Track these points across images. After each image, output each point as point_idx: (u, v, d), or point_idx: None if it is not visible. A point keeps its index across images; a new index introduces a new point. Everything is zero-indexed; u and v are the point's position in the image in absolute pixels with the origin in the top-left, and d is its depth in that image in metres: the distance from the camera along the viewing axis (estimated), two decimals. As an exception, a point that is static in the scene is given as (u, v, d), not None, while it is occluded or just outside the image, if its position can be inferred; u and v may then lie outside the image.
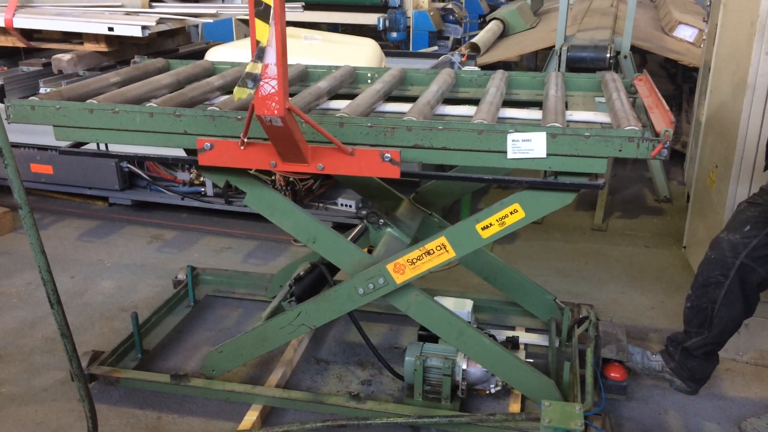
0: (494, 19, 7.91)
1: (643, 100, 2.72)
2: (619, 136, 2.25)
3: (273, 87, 2.04)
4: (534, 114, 2.74)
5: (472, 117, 2.50)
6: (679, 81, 7.73)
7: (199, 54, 5.30)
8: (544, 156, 2.30)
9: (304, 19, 7.30)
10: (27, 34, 4.82)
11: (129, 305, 3.92)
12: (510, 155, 2.31)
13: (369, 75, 3.31)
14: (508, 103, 2.88)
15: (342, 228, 4.55)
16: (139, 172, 4.95)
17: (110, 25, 4.48)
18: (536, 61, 9.84)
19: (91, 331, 3.67)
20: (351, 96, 3.02)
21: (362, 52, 4.54)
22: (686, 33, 6.94)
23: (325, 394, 3.08)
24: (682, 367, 3.06)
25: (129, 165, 4.94)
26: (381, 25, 7.65)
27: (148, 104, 2.57)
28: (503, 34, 7.74)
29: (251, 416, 2.90)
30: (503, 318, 3.61)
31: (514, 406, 2.98)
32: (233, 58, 4.40)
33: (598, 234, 4.89)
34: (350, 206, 4.58)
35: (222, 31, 7.21)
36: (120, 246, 4.67)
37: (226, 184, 2.74)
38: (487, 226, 2.53)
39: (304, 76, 3.34)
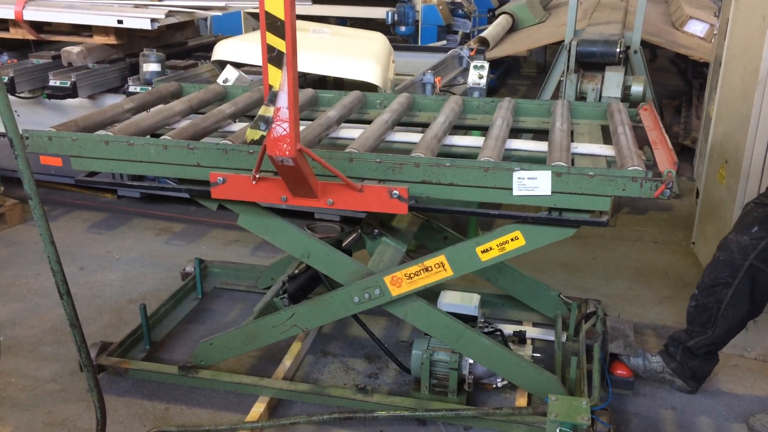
0: (503, 13, 7.87)
1: (647, 134, 2.76)
2: (623, 176, 2.29)
3: (285, 129, 2.12)
4: (540, 146, 2.79)
5: (478, 148, 2.57)
6: (689, 76, 7.69)
7: (208, 47, 5.31)
8: (549, 194, 2.35)
9: (312, 13, 7.30)
10: (37, 26, 4.83)
11: (137, 297, 3.94)
12: (516, 192, 2.36)
13: (378, 101, 3.37)
14: (514, 130, 2.96)
15: (351, 222, 4.57)
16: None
17: (119, 18, 4.49)
18: (545, 55, 9.80)
19: (99, 322, 3.69)
20: (360, 121, 3.15)
21: (371, 46, 4.53)
22: (697, 28, 6.89)
23: (332, 386, 3.09)
24: (684, 367, 3.06)
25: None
26: (390, 19, 7.63)
27: (162, 137, 2.64)
28: (512, 29, 7.71)
29: (258, 408, 2.92)
30: (511, 312, 3.60)
31: (521, 400, 2.98)
32: (242, 51, 4.40)
33: (606, 229, 4.87)
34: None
35: (231, 24, 7.22)
36: (128, 238, 4.69)
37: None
38: (487, 250, 2.58)
39: (314, 102, 3.40)
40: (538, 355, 3.14)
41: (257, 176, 2.44)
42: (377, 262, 2.86)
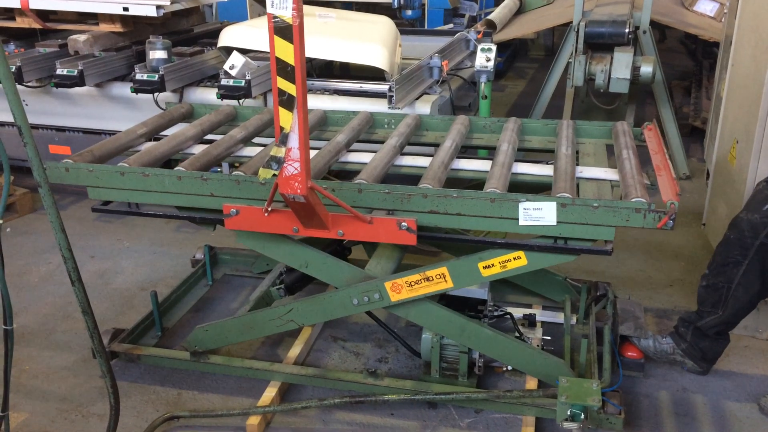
0: (510, -5, 7.79)
1: (651, 157, 2.82)
2: (627, 207, 2.33)
3: (296, 168, 2.19)
4: (545, 170, 2.87)
5: (485, 172, 2.67)
6: (699, 57, 7.61)
7: (214, 33, 5.29)
8: (555, 224, 2.39)
9: (318, -2, 7.26)
10: (43, 15, 4.83)
11: (148, 284, 3.96)
12: (522, 222, 2.41)
13: (386, 121, 3.43)
14: (521, 150, 3.05)
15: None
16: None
17: (125, 5, 4.48)
18: (553, 38, 9.72)
19: (111, 309, 3.72)
20: (368, 141, 3.27)
21: (377, 30, 4.50)
22: (707, 7, 6.81)
23: (342, 371, 3.10)
24: (694, 348, 3.05)
25: (146, 145, 4.96)
26: (396, 3, 7.58)
27: (176, 167, 2.73)
28: (520, 11, 7.63)
29: (270, 393, 2.94)
30: (521, 296, 3.59)
31: (531, 383, 2.98)
32: (248, 37, 4.39)
33: (615, 212, 4.85)
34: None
35: (236, 10, 7.20)
36: (138, 226, 4.70)
37: None
38: (489, 266, 2.62)
39: (323, 122, 3.46)
40: (548, 337, 3.14)
41: (269, 209, 2.51)
42: (375, 264, 2.88)
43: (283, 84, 2.08)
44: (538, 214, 2.39)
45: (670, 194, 2.42)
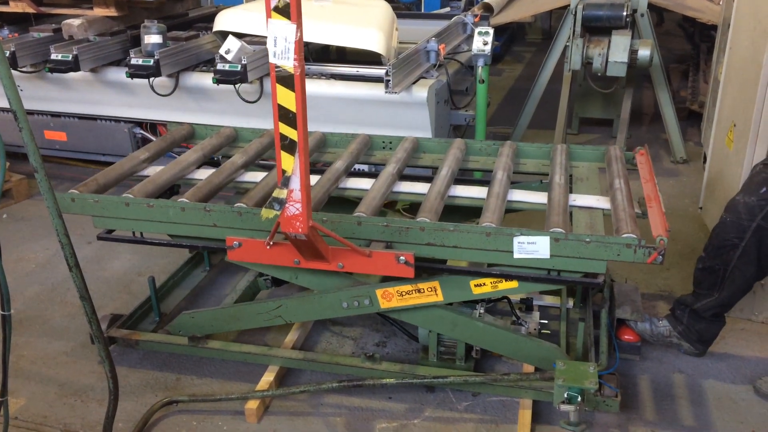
0: (508, -22, 7.73)
1: (642, 186, 2.88)
2: (618, 242, 2.39)
3: (297, 209, 2.26)
4: (539, 197, 2.92)
5: (481, 200, 2.76)
6: (696, 40, 7.58)
7: (209, 18, 5.26)
8: (548, 257, 2.44)
9: (314, -19, 7.19)
10: (36, -1, 4.80)
11: (145, 270, 3.96)
12: (516, 255, 2.48)
13: (383, 142, 3.49)
14: (515, 172, 3.15)
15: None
16: (152, 138, 4.95)
17: (119, -11, 4.45)
18: (551, 21, 9.69)
19: (108, 295, 3.72)
20: (367, 163, 3.43)
21: (374, 14, 4.47)
22: (705, -10, 6.77)
23: (340, 355, 3.12)
24: (690, 330, 3.06)
25: (142, 131, 4.94)
26: (392, -13, 7.52)
27: (180, 198, 2.80)
28: (517, -6, 7.59)
29: (268, 377, 2.95)
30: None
31: (529, 366, 3.00)
32: (243, 21, 4.36)
33: (612, 196, 4.85)
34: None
35: (231, -5, 7.13)
36: (135, 212, 4.69)
37: None
38: (480, 285, 2.66)
39: (322, 144, 3.51)
40: (545, 321, 3.15)
41: (271, 243, 2.55)
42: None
43: (285, 129, 2.16)
44: (533, 247, 2.45)
45: (659, 229, 2.48)
